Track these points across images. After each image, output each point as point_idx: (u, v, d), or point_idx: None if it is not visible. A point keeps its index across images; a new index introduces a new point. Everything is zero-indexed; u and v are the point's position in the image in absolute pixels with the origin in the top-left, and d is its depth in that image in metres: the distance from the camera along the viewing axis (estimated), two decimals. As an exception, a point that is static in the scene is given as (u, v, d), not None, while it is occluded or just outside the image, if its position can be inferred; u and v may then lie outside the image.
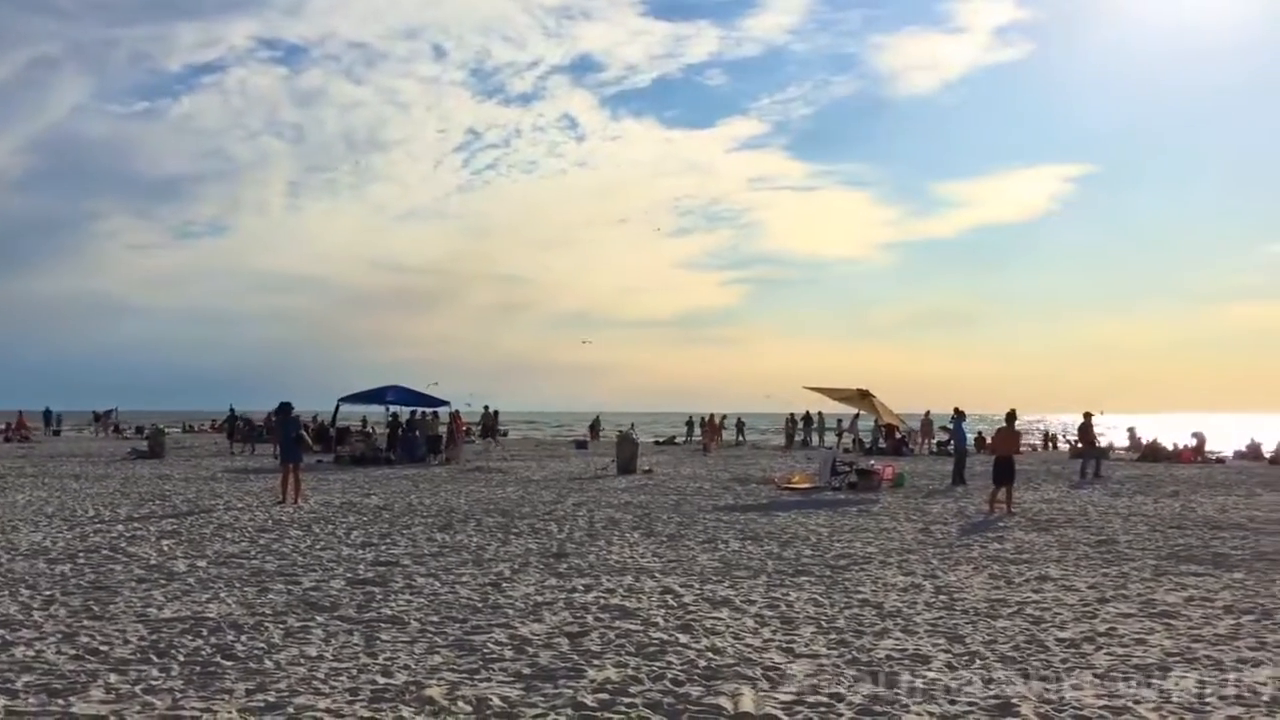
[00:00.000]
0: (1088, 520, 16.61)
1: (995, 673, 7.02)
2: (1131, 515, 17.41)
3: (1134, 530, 15.25)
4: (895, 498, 20.75)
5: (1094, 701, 6.33)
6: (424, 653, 7.51)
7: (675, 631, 8.24)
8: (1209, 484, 24.99)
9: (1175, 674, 7.02)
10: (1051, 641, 7.98)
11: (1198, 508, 18.84)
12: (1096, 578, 11.03)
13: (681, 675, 6.89)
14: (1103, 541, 13.96)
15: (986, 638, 8.11)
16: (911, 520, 16.51)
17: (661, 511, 17.58)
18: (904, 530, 15.19)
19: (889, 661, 7.32)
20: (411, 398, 35.16)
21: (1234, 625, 8.63)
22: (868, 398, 24.94)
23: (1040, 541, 13.95)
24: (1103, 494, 21.89)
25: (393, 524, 15.48)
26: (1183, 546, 13.45)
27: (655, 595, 9.84)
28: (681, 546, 13.26)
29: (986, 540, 14.07)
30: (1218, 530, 15.30)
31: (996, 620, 8.78)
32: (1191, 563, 12.08)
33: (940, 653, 7.59)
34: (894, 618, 8.86)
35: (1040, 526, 15.68)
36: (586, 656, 7.40)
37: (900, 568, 11.65)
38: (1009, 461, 18.42)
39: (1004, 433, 19.79)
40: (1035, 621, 8.74)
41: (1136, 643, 7.96)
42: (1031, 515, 17.23)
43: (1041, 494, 21.58)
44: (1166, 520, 16.67)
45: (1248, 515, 17.44)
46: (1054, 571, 11.42)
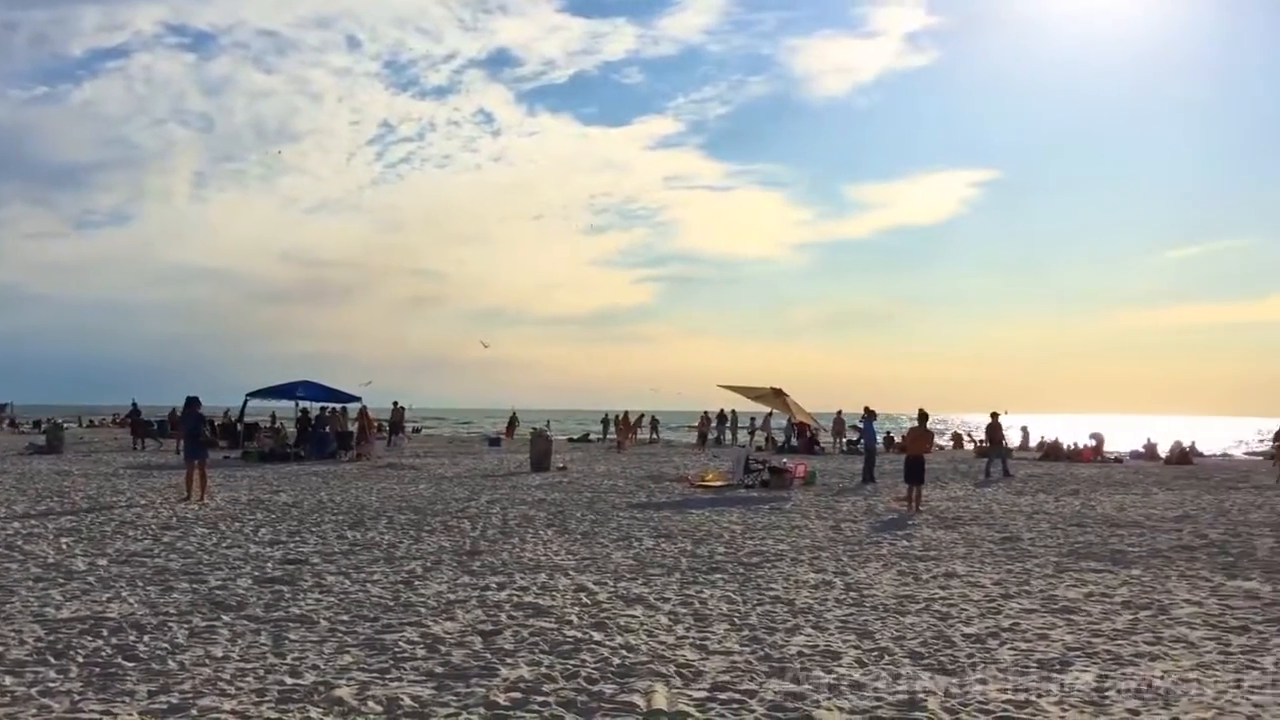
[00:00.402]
0: (993, 518, 16.99)
1: (903, 668, 7.13)
2: (1034, 513, 17.86)
3: (1037, 528, 15.64)
4: (807, 496, 21.00)
5: (999, 696, 6.46)
6: (334, 652, 7.39)
7: (589, 629, 8.23)
8: (1108, 483, 25.75)
9: (1076, 668, 7.20)
10: (958, 637, 8.14)
11: (1097, 506, 19.40)
12: (1001, 574, 11.29)
13: (595, 673, 6.88)
14: (1007, 539, 14.29)
15: (895, 634, 8.24)
16: (822, 518, 16.72)
17: (576, 509, 17.56)
18: (815, 528, 15.38)
19: (800, 658, 7.39)
20: (322, 393, 34.62)
21: (1132, 620, 8.88)
22: (781, 396, 25.18)
23: (947, 539, 14.23)
24: (1007, 492, 22.43)
25: (302, 521, 15.21)
26: (1083, 544, 13.83)
27: (569, 593, 9.82)
28: (595, 544, 13.26)
29: (895, 538, 14.31)
30: (1116, 528, 15.76)
31: (905, 616, 8.93)
32: (1091, 559, 12.42)
33: (850, 649, 7.69)
34: (805, 614, 8.96)
35: (947, 524, 16.00)
36: (499, 655, 7.35)
37: (811, 565, 11.79)
38: (919, 461, 18.79)
39: (915, 432, 20.17)
40: (942, 617, 8.90)
41: (1039, 638, 8.15)
42: (939, 513, 17.57)
43: (949, 492, 22.03)
44: (1068, 518, 17.12)
45: (1144, 513, 18.00)
46: (960, 568, 11.65)
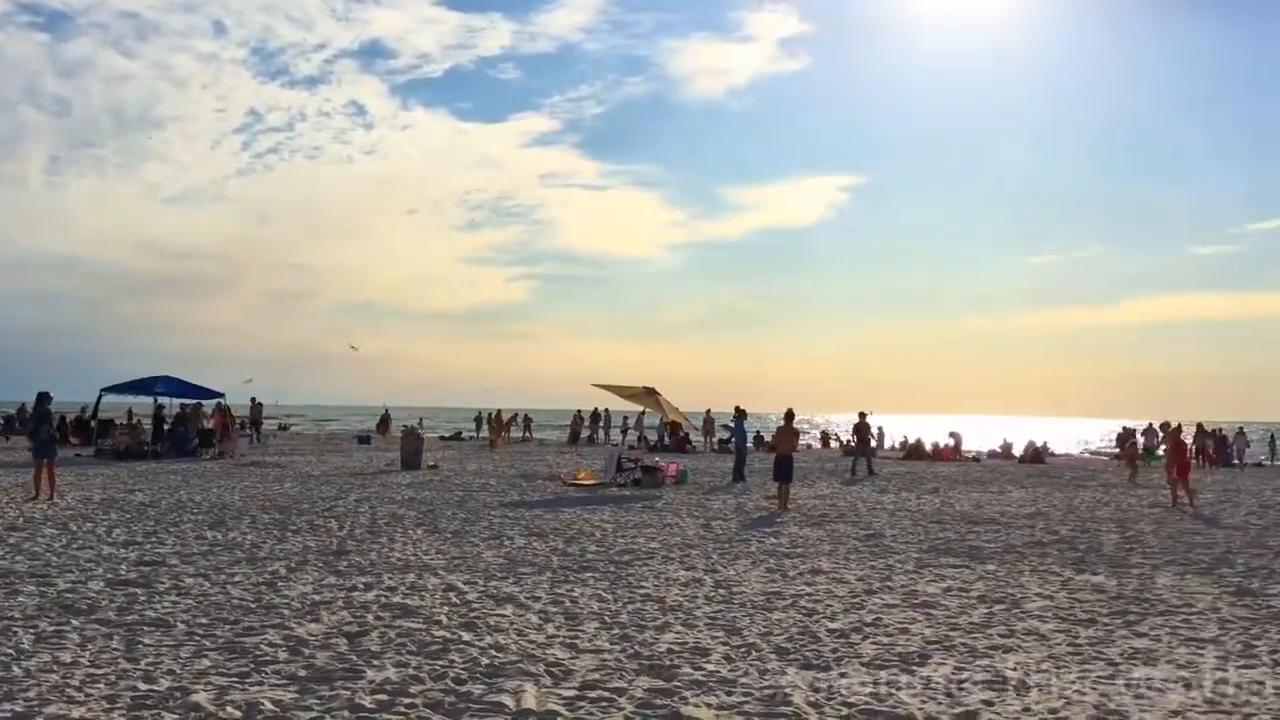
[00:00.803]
0: (857, 515, 17.41)
1: (770, 664, 7.25)
2: (897, 511, 18.36)
3: (899, 525, 16.08)
4: (678, 494, 21.18)
5: (861, 689, 6.62)
6: (191, 656, 7.15)
7: (458, 629, 8.15)
8: (966, 481, 26.65)
9: (934, 661, 7.43)
10: (823, 632, 8.31)
11: (956, 503, 20.05)
12: (865, 570, 11.57)
13: (464, 674, 6.82)
14: (871, 536, 14.66)
15: (763, 630, 8.37)
16: (693, 516, 16.89)
17: (446, 508, 17.37)
18: (686, 526, 15.52)
19: (670, 655, 7.45)
20: (182, 389, 33.48)
21: (987, 614, 9.20)
22: (653, 395, 25.38)
23: (814, 536, 14.53)
24: (872, 490, 23.01)
25: (159, 521, 14.69)
26: (942, 540, 14.27)
27: (438, 593, 9.70)
28: (466, 543, 13.13)
29: (764, 535, 14.54)
30: (973, 524, 16.31)
31: (772, 613, 9.08)
32: (950, 555, 12.82)
33: (719, 645, 7.79)
34: (675, 612, 9.04)
35: (814, 522, 16.32)
36: (366, 657, 7.22)
37: (682, 562, 11.89)
38: (788, 459, 19.16)
39: (782, 431, 20.56)
40: (808, 613, 9.08)
41: (900, 632, 8.39)
42: (807, 511, 17.92)
43: (816, 490, 22.47)
44: (928, 515, 17.65)
45: (1000, 510, 18.68)
46: (826, 565, 11.90)
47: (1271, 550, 13.59)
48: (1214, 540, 14.69)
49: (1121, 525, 16.51)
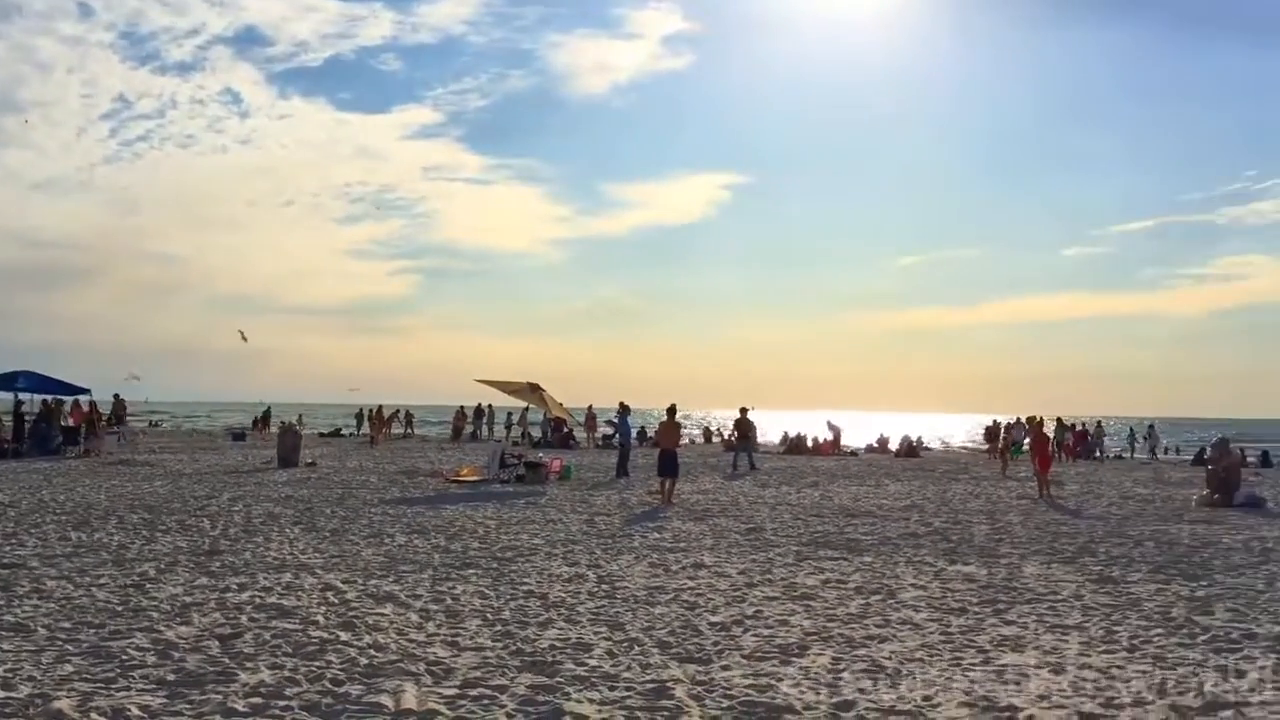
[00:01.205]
0: (739, 510, 17.62)
1: (652, 658, 7.29)
2: (777, 505, 18.64)
3: (779, 519, 16.33)
4: (562, 490, 21.15)
5: (742, 681, 6.70)
6: (53, 662, 6.86)
7: (336, 629, 7.99)
8: (844, 475, 27.20)
9: (813, 651, 7.56)
10: (705, 626, 8.38)
11: (835, 497, 20.46)
12: (746, 564, 11.71)
13: (341, 674, 6.68)
14: (752, 530, 14.85)
15: (645, 624, 8.41)
16: (577, 512, 16.88)
17: (325, 505, 17.03)
18: (569, 522, 15.50)
19: (552, 651, 7.43)
20: (46, 384, 32.08)
21: (864, 605, 9.40)
22: (537, 391, 25.29)
23: (696, 530, 14.65)
24: (753, 485, 23.32)
25: (19, 522, 14.06)
26: (821, 533, 14.53)
27: (316, 592, 9.50)
28: (345, 541, 12.89)
29: (647, 530, 14.62)
30: (851, 517, 16.66)
31: (655, 607, 9.13)
32: (829, 548, 13.07)
33: (602, 640, 7.80)
34: (558, 608, 9.02)
35: (696, 516, 16.47)
36: (239, 659, 7.03)
37: (565, 558, 11.87)
38: (672, 454, 19.31)
39: (666, 426, 20.71)
40: (690, 607, 9.15)
41: (780, 624, 8.51)
42: (689, 506, 18.07)
43: (698, 485, 22.67)
44: (808, 509, 17.97)
45: (877, 504, 19.11)
46: (708, 559, 12.02)
47: (1131, 539, 14.18)
48: (1078, 530, 15.27)
49: (991, 517, 17.05)
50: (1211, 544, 13.78)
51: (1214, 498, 19.73)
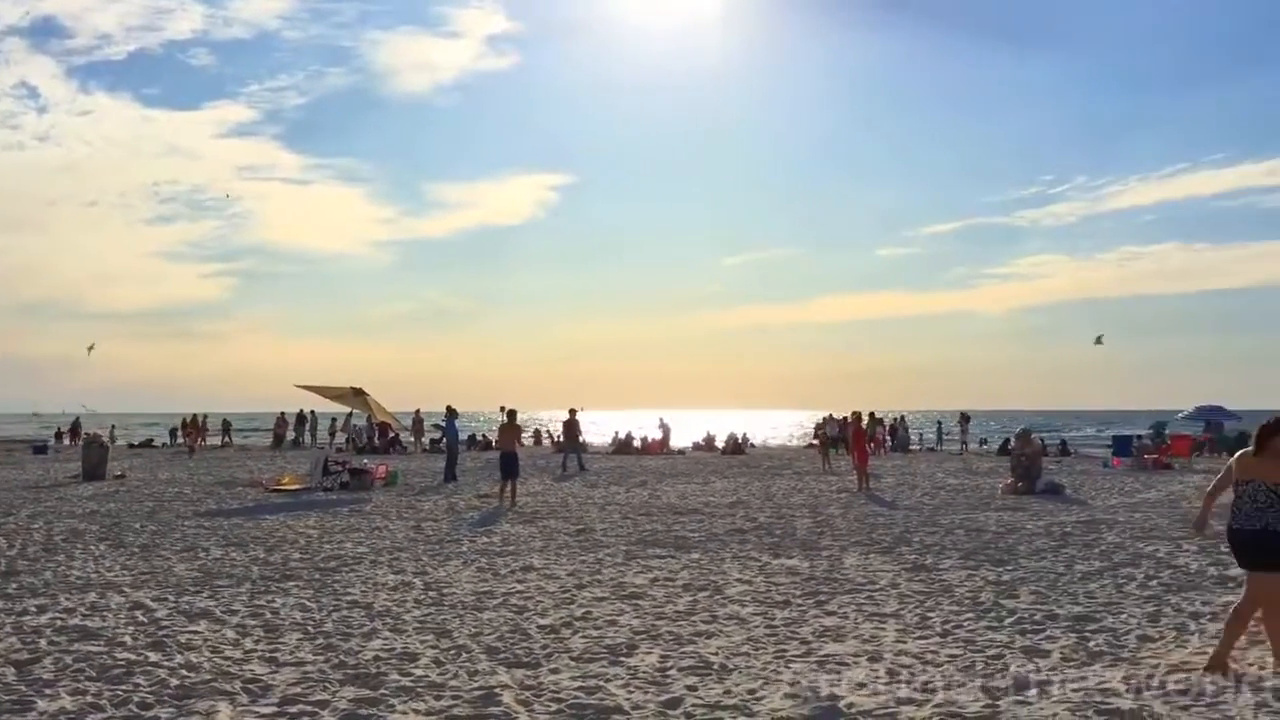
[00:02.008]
0: (568, 511, 17.62)
1: (480, 664, 7.19)
2: (607, 504, 18.72)
3: (609, 519, 16.40)
4: (388, 496, 20.72)
5: (570, 684, 6.68)
6: None
7: (145, 650, 7.59)
8: (672, 473, 27.54)
9: (641, 650, 7.60)
10: (533, 629, 8.33)
11: (662, 495, 20.69)
12: (575, 565, 11.71)
13: (150, 697, 6.35)
14: (581, 530, 14.87)
15: (473, 630, 8.30)
16: (404, 518, 16.56)
17: (134, 520, 16.20)
18: (396, 528, 15.20)
19: (376, 662, 7.25)
20: None
21: (691, 602, 9.52)
22: (361, 395, 24.72)
23: (525, 533, 14.57)
24: (582, 486, 23.36)
25: None
26: (649, 532, 14.66)
27: (123, 612, 9.01)
28: (156, 557, 12.29)
29: (476, 535, 14.45)
30: (679, 515, 16.87)
31: (483, 612, 9.02)
32: (657, 546, 13.19)
33: (428, 649, 7.65)
34: (383, 617, 8.81)
35: (526, 519, 16.38)
36: (37, 686, 6.59)
37: (391, 566, 11.62)
38: (513, 456, 19.20)
39: (504, 429, 20.58)
40: (519, 611, 9.08)
41: (609, 624, 8.53)
42: (518, 508, 17.96)
43: (528, 487, 22.52)
44: (636, 508, 18.10)
45: (704, 501, 19.41)
46: (537, 561, 11.96)
47: (943, 528, 14.80)
48: (894, 521, 15.85)
49: (813, 510, 17.53)
50: (1016, 530, 14.51)
51: (1018, 486, 20.82)
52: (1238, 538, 6.80)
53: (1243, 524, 6.73)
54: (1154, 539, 13.36)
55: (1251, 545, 6.72)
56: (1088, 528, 14.67)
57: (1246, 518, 6.71)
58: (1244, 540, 6.76)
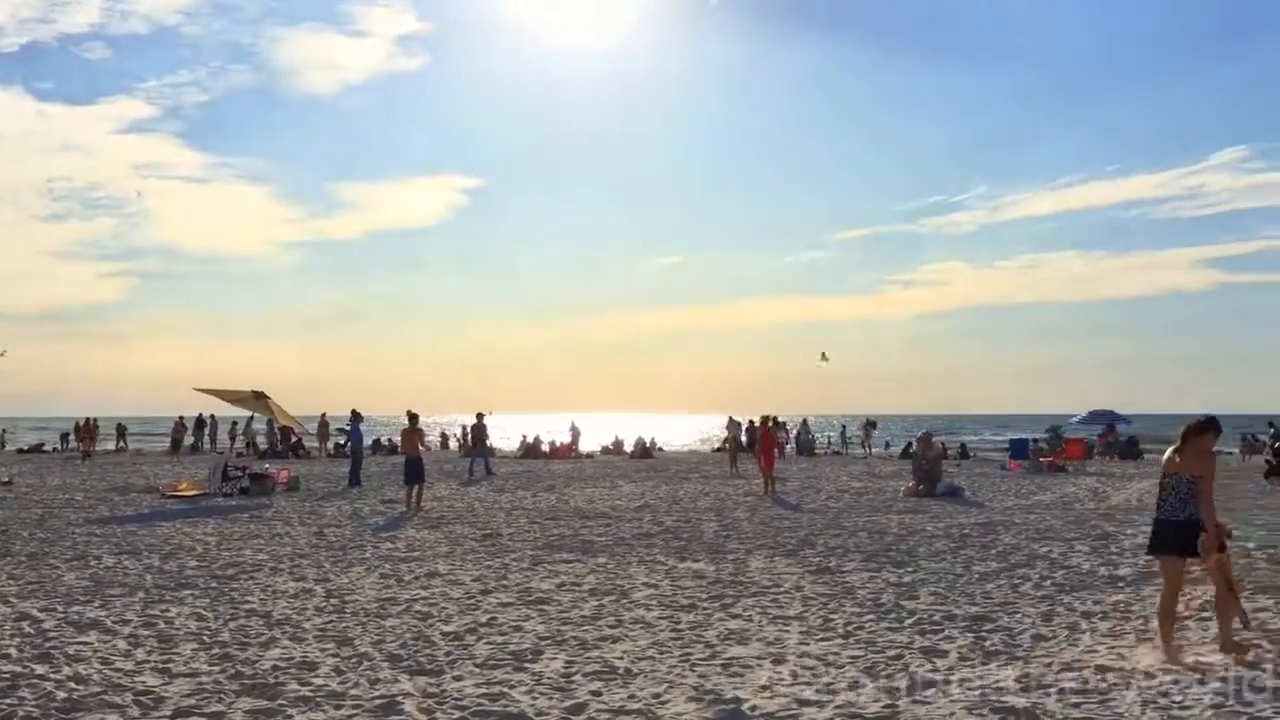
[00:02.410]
0: (475, 515, 17.48)
1: (382, 672, 7.09)
2: (514, 509, 18.62)
3: (516, 523, 16.31)
4: (290, 502, 20.31)
5: (474, 691, 6.62)
6: None
7: (31, 663, 7.31)
8: (580, 478, 27.50)
9: (546, 656, 7.57)
10: (437, 636, 8.24)
11: (570, 499, 20.64)
12: (481, 570, 11.61)
13: (36, 711, 6.13)
14: (488, 535, 14.76)
15: (375, 638, 8.17)
16: (306, 524, 16.25)
17: (21, 528, 15.62)
18: (297, 534, 14.91)
19: (275, 672, 7.10)
20: None
21: (598, 606, 9.51)
22: (263, 399, 24.18)
23: (431, 538, 14.41)
24: (489, 490, 23.20)
25: None
26: (557, 536, 14.61)
27: (9, 623, 8.68)
28: (44, 566, 11.87)
29: (380, 540, 14.25)
30: (587, 519, 16.85)
31: (386, 620, 8.89)
32: (564, 550, 13.15)
33: (329, 658, 7.52)
34: (282, 625, 8.63)
35: (432, 524, 16.20)
36: (-88, 703, 6.32)
37: (292, 573, 11.40)
38: (417, 460, 18.97)
39: (407, 433, 20.33)
40: (423, 618, 8.98)
41: (514, 630, 8.48)
42: (424, 513, 17.76)
43: (434, 492, 22.28)
44: (544, 512, 18.04)
45: (611, 505, 19.42)
46: (443, 567, 11.84)
47: (847, 530, 15.03)
48: (799, 524, 16.04)
49: (720, 514, 17.65)
50: (917, 532, 14.79)
51: (919, 489, 21.23)
52: (1166, 528, 7.38)
53: (1169, 514, 7.35)
54: (1048, 540, 13.74)
55: (1177, 533, 7.28)
56: (985, 529, 15.02)
57: (1172, 509, 7.33)
58: (1172, 529, 7.33)
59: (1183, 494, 7.28)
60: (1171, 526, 7.33)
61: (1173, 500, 7.34)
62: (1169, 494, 7.38)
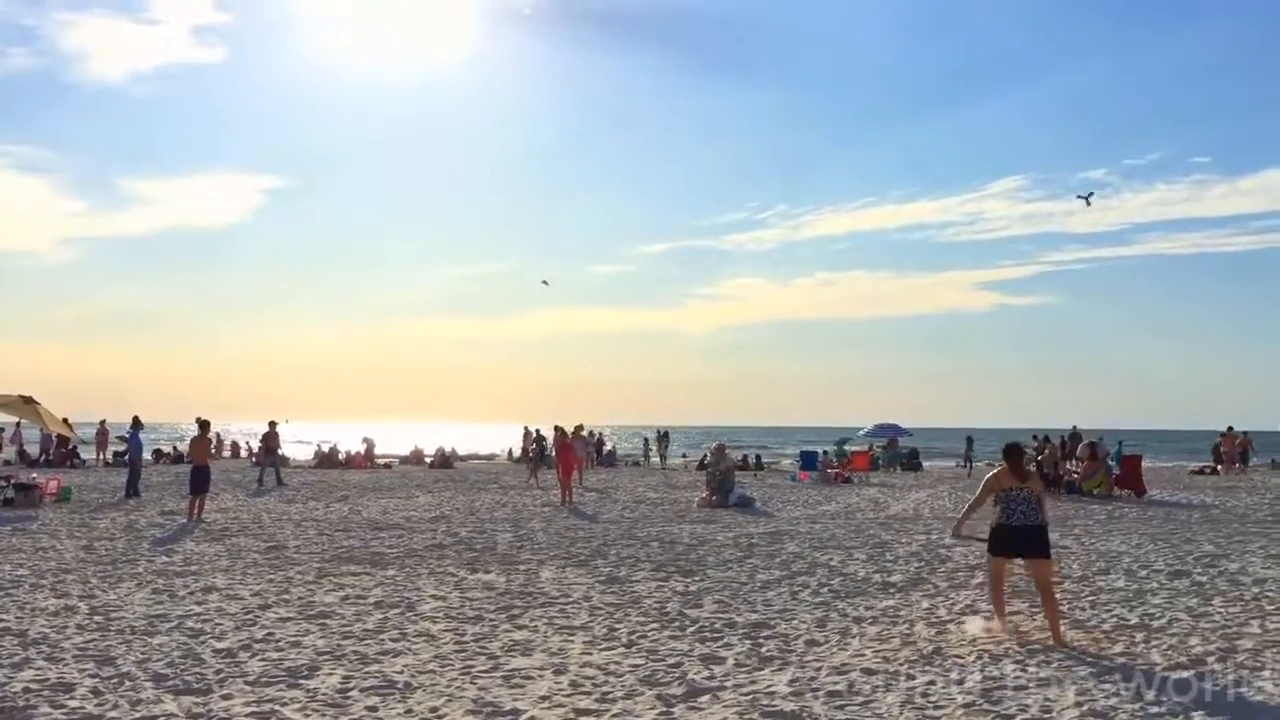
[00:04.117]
0: (261, 527, 16.88)
1: (144, 693, 6.76)
2: (303, 521, 18.07)
3: (304, 535, 15.84)
4: (59, 514, 19.11)
5: (243, 710, 6.40)
6: None
7: None
8: (376, 488, 26.95)
9: (323, 672, 7.38)
10: (208, 654, 7.91)
11: (364, 510, 20.20)
12: (262, 584, 11.23)
13: None
14: (273, 548, 14.27)
15: (141, 656, 7.78)
16: (75, 537, 15.33)
17: None
18: (64, 548, 14.05)
19: (26, 694, 6.67)
20: None
21: (382, 619, 9.33)
22: (31, 405, 22.74)
23: (211, 551, 13.84)
24: (279, 501, 22.45)
25: None
26: (346, 548, 14.27)
27: None
28: None
29: (155, 554, 13.58)
30: (379, 530, 16.52)
31: (154, 637, 8.48)
32: (352, 563, 12.85)
33: (87, 678, 7.12)
34: (38, 645, 8.12)
35: (214, 537, 15.55)
36: None
37: (54, 590, 10.73)
38: (203, 469, 18.20)
39: (196, 440, 19.51)
40: (195, 634, 8.61)
41: (292, 645, 8.23)
42: (206, 526, 17.03)
43: (219, 503, 21.40)
44: (335, 524, 17.58)
45: (406, 515, 19.10)
46: (221, 581, 11.38)
47: (639, 540, 15.25)
48: (594, 534, 16.17)
49: (516, 524, 17.61)
50: (707, 541, 15.15)
51: (712, 499, 21.74)
52: (1020, 533, 8.47)
53: (1022, 521, 8.46)
54: (829, 548, 14.30)
55: (1031, 538, 8.44)
56: (772, 538, 15.52)
57: (1024, 516, 8.47)
58: (1025, 534, 8.45)
59: (1033, 505, 8.48)
60: (1027, 532, 8.43)
61: (1023, 509, 8.46)
62: (1018, 504, 8.48)
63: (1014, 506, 8.49)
